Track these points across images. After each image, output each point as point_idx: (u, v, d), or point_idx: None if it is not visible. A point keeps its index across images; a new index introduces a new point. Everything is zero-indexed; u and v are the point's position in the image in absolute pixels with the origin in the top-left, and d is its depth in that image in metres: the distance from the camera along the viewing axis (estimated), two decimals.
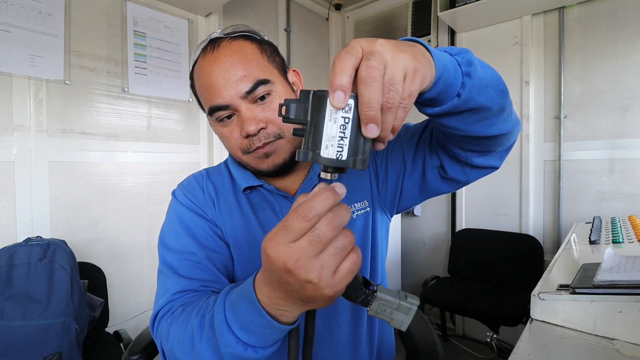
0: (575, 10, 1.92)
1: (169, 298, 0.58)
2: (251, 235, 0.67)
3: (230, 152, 0.68)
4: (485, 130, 0.51)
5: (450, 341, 2.27)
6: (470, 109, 0.46)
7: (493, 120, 0.51)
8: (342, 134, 0.33)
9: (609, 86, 1.84)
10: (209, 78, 0.60)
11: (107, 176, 1.63)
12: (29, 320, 1.16)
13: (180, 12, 1.86)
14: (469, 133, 0.51)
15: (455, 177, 0.63)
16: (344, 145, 0.33)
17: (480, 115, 0.48)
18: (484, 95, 0.46)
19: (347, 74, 0.31)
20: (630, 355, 0.57)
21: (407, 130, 0.69)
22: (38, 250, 1.23)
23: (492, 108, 0.48)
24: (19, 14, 1.37)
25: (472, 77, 0.44)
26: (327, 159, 0.34)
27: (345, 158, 0.33)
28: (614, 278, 0.67)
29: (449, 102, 0.44)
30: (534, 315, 0.71)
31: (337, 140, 0.33)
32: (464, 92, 0.43)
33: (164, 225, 0.69)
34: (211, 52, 0.61)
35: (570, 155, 1.96)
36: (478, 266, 2.14)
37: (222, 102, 0.59)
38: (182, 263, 0.62)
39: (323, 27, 2.78)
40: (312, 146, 0.34)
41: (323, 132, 0.34)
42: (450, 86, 0.43)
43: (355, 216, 0.69)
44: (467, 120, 0.48)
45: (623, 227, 1.26)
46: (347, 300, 0.43)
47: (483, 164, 0.60)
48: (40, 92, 1.43)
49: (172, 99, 1.84)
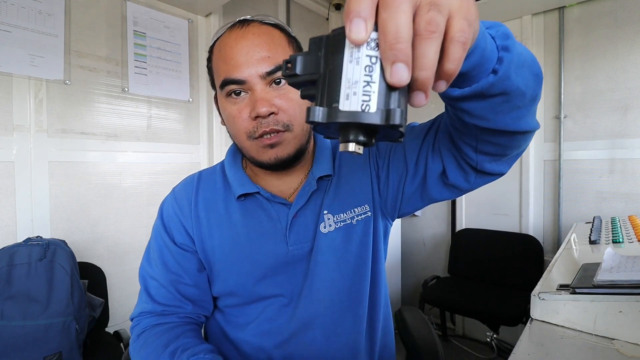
0: (575, 10, 1.92)
1: (138, 315, 0.68)
2: (238, 249, 0.65)
3: (233, 137, 0.64)
4: (514, 123, 0.45)
5: (450, 341, 2.27)
6: (502, 92, 0.40)
7: (524, 112, 0.44)
8: (368, 78, 0.25)
9: (609, 86, 1.84)
10: (232, 51, 0.57)
11: (107, 176, 1.63)
12: (29, 320, 1.16)
13: (180, 12, 1.86)
14: (496, 125, 0.44)
15: (457, 184, 0.58)
16: (371, 93, 0.25)
17: (512, 103, 0.42)
18: (520, 76, 0.40)
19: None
20: (630, 355, 0.57)
21: (412, 131, 0.64)
22: (38, 250, 1.23)
23: (527, 94, 0.42)
24: (19, 14, 1.37)
25: (510, 52, 0.37)
26: (349, 113, 0.25)
27: (375, 110, 0.24)
28: (614, 278, 0.67)
29: (483, 80, 0.37)
30: (534, 315, 0.71)
31: (361, 86, 0.25)
32: (502, 68, 0.37)
33: (150, 236, 0.73)
34: (239, 29, 0.59)
35: (570, 155, 1.96)
36: (478, 266, 2.14)
37: (239, 77, 0.57)
38: (151, 282, 0.68)
39: (323, 27, 2.77)
40: (327, 99, 0.26)
41: (342, 77, 0.25)
42: (487, 60, 0.36)
43: (355, 222, 0.66)
44: (497, 107, 0.42)
45: (623, 227, 1.26)
46: None
47: (492, 170, 0.54)
48: (40, 92, 1.43)
49: (172, 99, 1.84)
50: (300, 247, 0.64)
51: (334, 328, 0.65)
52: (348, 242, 0.65)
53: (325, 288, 0.64)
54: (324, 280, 0.64)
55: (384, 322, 0.73)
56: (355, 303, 0.66)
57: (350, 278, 0.65)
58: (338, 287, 0.65)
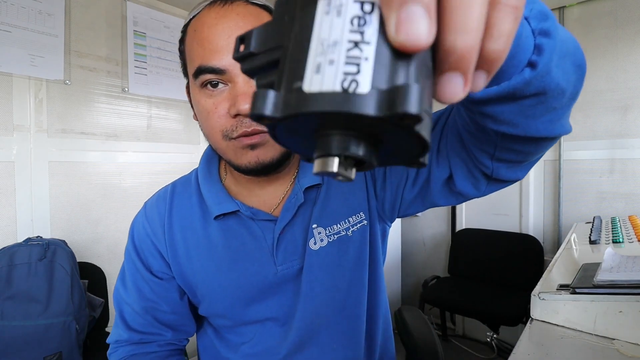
0: (575, 10, 1.92)
1: (114, 343, 0.64)
2: (221, 273, 0.58)
3: (206, 135, 0.53)
4: (547, 129, 0.34)
5: (450, 341, 2.27)
6: (539, 92, 0.30)
7: (560, 113, 0.34)
8: (356, 37, 0.14)
9: (609, 86, 1.84)
10: (209, 31, 0.47)
11: (107, 176, 1.63)
12: (29, 320, 1.16)
13: (180, 12, 1.86)
14: (525, 132, 0.34)
15: (465, 192, 0.49)
16: (361, 60, 0.14)
17: (548, 104, 0.32)
18: (562, 69, 0.30)
19: None
20: (630, 355, 0.57)
21: None
22: (38, 250, 1.23)
23: (566, 92, 0.32)
24: (19, 14, 1.37)
25: (551, 37, 0.27)
26: (318, 96, 0.14)
27: (368, 89, 0.14)
28: (614, 278, 0.67)
29: (517, 76, 0.28)
30: (534, 315, 0.71)
31: (344, 49, 0.14)
32: (541, 60, 0.27)
33: (124, 258, 0.66)
34: (221, 6, 0.48)
35: (570, 155, 1.96)
36: (478, 266, 2.14)
37: (218, 65, 0.46)
38: (126, 308, 0.62)
39: None
40: (286, 79, 0.15)
41: (312, 40, 0.15)
42: (522, 49, 0.27)
43: (351, 233, 0.59)
44: (528, 110, 0.32)
45: (623, 227, 1.26)
46: None
47: (508, 177, 0.45)
48: (40, 92, 1.43)
49: (172, 99, 1.84)
50: (289, 266, 0.58)
51: (330, 344, 0.60)
52: (343, 256, 0.59)
53: (320, 307, 0.59)
54: (318, 299, 0.58)
55: (384, 326, 0.69)
56: (352, 317, 0.61)
57: (346, 292, 0.60)
58: (333, 304, 0.59)
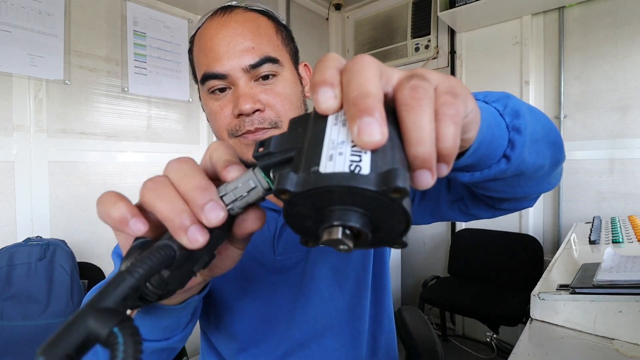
0: (575, 10, 1.92)
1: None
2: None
3: (216, 135, 0.58)
4: (535, 189, 0.42)
5: (450, 341, 2.27)
6: (518, 173, 0.36)
7: (544, 178, 0.41)
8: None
9: (609, 86, 1.84)
10: (211, 41, 0.52)
11: (107, 176, 1.63)
12: (29, 320, 1.16)
13: (180, 12, 1.86)
14: (515, 195, 0.41)
15: (479, 215, 0.52)
16: (362, 153, 0.19)
17: (530, 177, 0.38)
18: (536, 152, 0.36)
19: (331, 66, 0.22)
20: (630, 355, 0.57)
21: None
22: (38, 250, 1.23)
23: (545, 165, 0.39)
24: (19, 14, 1.37)
25: (521, 133, 0.33)
26: (333, 175, 0.18)
27: (368, 172, 0.18)
28: (614, 278, 0.67)
29: (494, 167, 0.33)
30: (534, 315, 0.71)
31: (349, 145, 0.19)
32: (514, 153, 0.33)
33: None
34: (221, 16, 0.53)
35: (570, 155, 1.96)
36: (478, 266, 2.14)
37: (220, 71, 0.51)
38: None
39: (323, 27, 2.77)
40: (304, 165, 0.20)
41: (325, 139, 0.20)
42: (495, 146, 0.32)
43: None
44: (513, 182, 0.38)
45: (623, 227, 1.26)
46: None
47: (514, 208, 0.50)
48: (40, 92, 1.43)
49: (172, 99, 1.84)
50: (288, 258, 0.58)
51: (332, 344, 0.59)
52: (348, 254, 0.59)
53: (322, 305, 0.58)
54: (321, 297, 0.58)
55: (388, 327, 0.68)
56: (355, 316, 0.60)
57: (351, 292, 0.59)
58: (337, 304, 0.59)
